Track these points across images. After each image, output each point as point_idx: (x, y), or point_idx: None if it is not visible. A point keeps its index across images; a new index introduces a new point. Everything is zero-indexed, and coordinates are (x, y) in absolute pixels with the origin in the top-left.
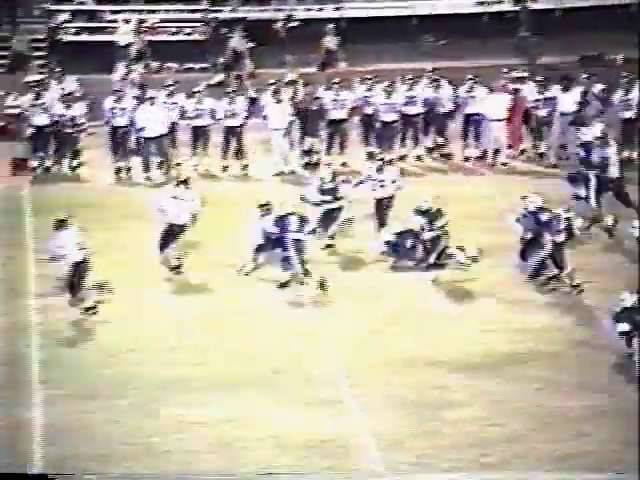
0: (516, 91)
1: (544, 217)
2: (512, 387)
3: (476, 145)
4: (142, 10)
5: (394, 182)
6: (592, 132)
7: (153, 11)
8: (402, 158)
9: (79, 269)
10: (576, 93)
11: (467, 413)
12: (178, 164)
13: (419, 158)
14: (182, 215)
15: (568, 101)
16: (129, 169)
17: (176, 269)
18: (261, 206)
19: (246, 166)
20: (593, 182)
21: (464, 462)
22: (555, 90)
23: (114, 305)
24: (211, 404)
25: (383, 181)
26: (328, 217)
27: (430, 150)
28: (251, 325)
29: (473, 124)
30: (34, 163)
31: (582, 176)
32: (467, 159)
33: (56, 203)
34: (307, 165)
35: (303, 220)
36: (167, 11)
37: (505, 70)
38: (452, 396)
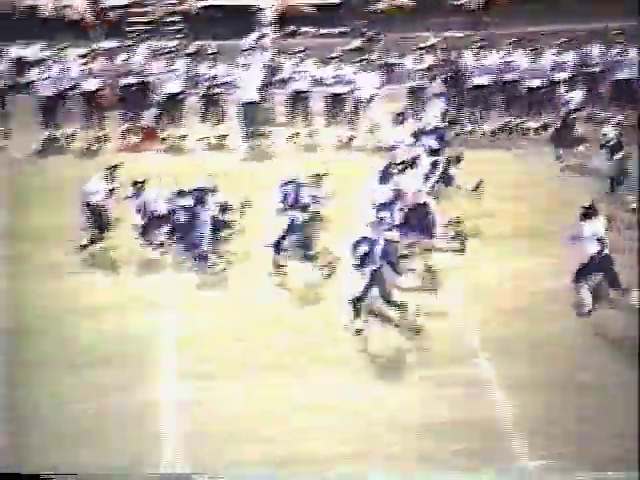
0: None
1: None
2: None
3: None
4: None
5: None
6: None
7: None
8: (545, 128)
9: None
10: None
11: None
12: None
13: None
14: (96, 196)
15: None
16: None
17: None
18: None
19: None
20: None
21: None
22: None
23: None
24: (324, 389)
25: None
26: None
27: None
28: None
29: (626, 89)
30: (164, 132)
31: None
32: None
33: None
34: None
35: None
36: None
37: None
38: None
